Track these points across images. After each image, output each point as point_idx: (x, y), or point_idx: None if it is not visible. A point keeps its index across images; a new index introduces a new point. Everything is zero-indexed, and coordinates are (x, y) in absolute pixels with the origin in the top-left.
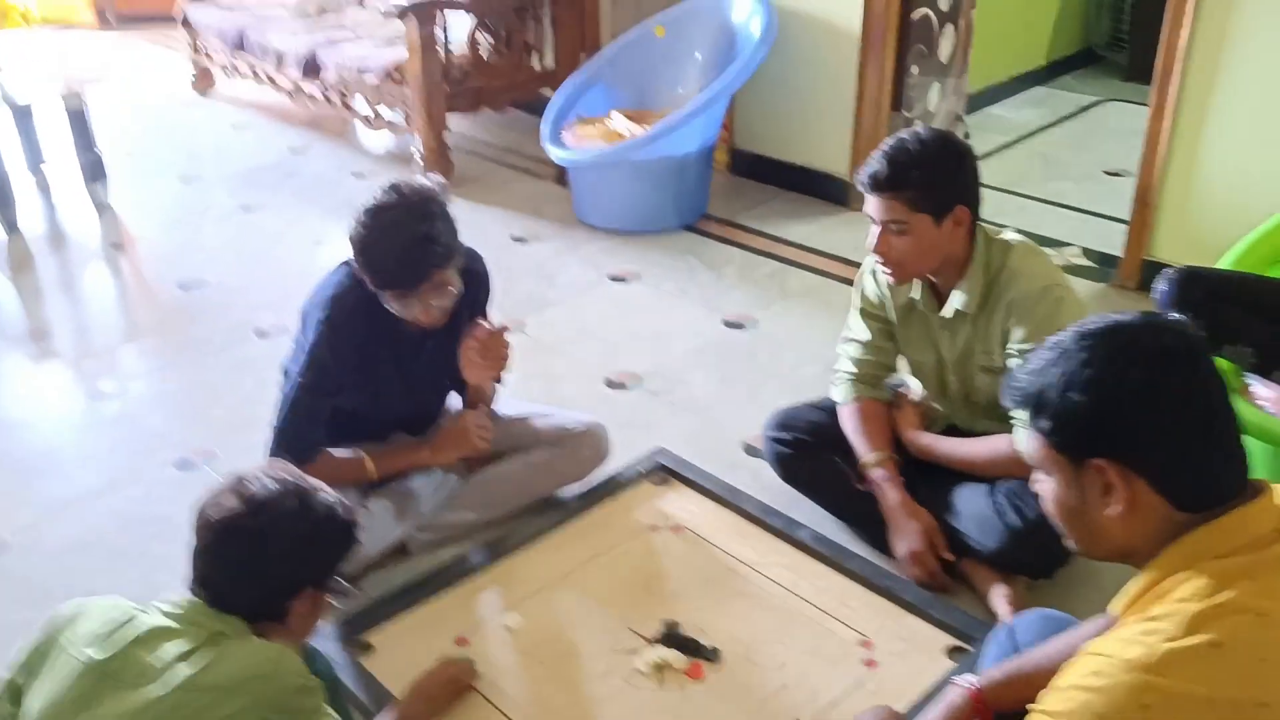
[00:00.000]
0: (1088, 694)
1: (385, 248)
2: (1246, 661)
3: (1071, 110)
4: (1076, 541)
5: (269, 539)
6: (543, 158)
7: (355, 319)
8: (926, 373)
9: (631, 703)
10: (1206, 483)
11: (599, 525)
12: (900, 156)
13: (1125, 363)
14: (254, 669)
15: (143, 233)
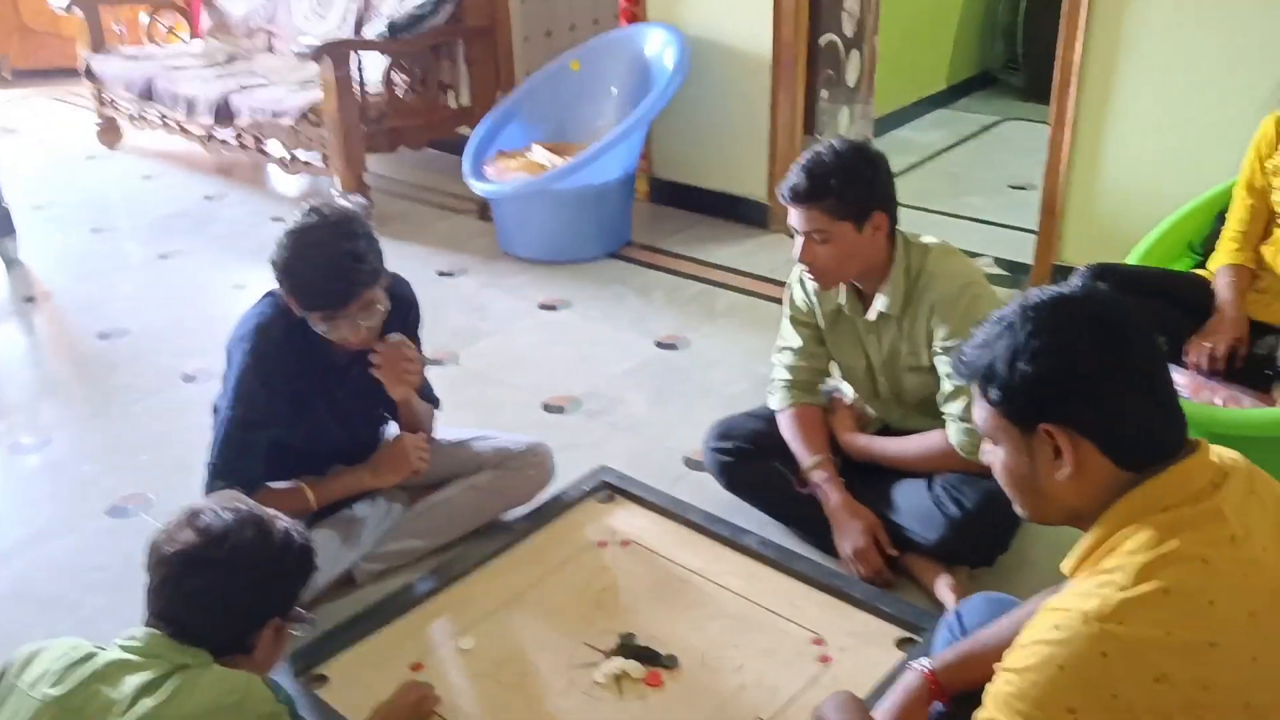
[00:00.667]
0: (1050, 647)
1: (311, 268)
2: (1195, 606)
3: (974, 130)
4: (1025, 507)
5: (231, 570)
6: (463, 194)
7: (281, 347)
8: (857, 376)
9: (593, 715)
10: (1149, 442)
11: (547, 545)
12: (817, 168)
13: (1070, 331)
14: (221, 699)
15: (56, 285)
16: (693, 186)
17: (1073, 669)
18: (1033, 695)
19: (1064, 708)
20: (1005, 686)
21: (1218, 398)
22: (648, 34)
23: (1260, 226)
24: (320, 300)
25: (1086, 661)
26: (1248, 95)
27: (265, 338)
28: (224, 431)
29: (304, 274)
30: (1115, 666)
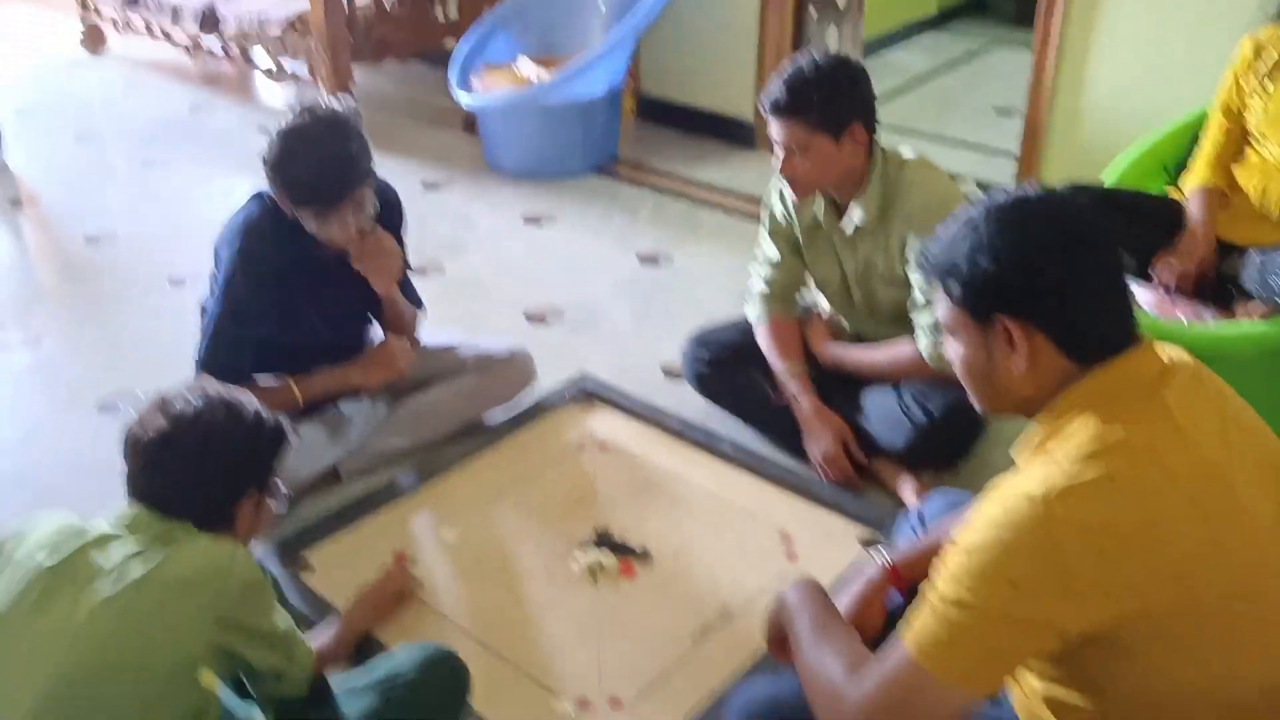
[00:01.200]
0: (995, 526)
1: (305, 165)
2: (1136, 492)
3: (962, 55)
4: (980, 398)
5: (205, 451)
6: (450, 108)
7: (268, 246)
8: (832, 288)
9: (569, 602)
10: (1099, 336)
11: (527, 446)
12: (797, 80)
13: (1029, 229)
14: (208, 565)
15: (42, 190)
16: (680, 105)
17: (1017, 547)
18: (978, 570)
19: (1007, 582)
20: (953, 563)
21: (1182, 314)
22: None
23: (1234, 148)
24: (312, 197)
25: (1030, 540)
26: (1228, 18)
27: (252, 236)
28: (212, 328)
29: (296, 171)
30: (1061, 545)
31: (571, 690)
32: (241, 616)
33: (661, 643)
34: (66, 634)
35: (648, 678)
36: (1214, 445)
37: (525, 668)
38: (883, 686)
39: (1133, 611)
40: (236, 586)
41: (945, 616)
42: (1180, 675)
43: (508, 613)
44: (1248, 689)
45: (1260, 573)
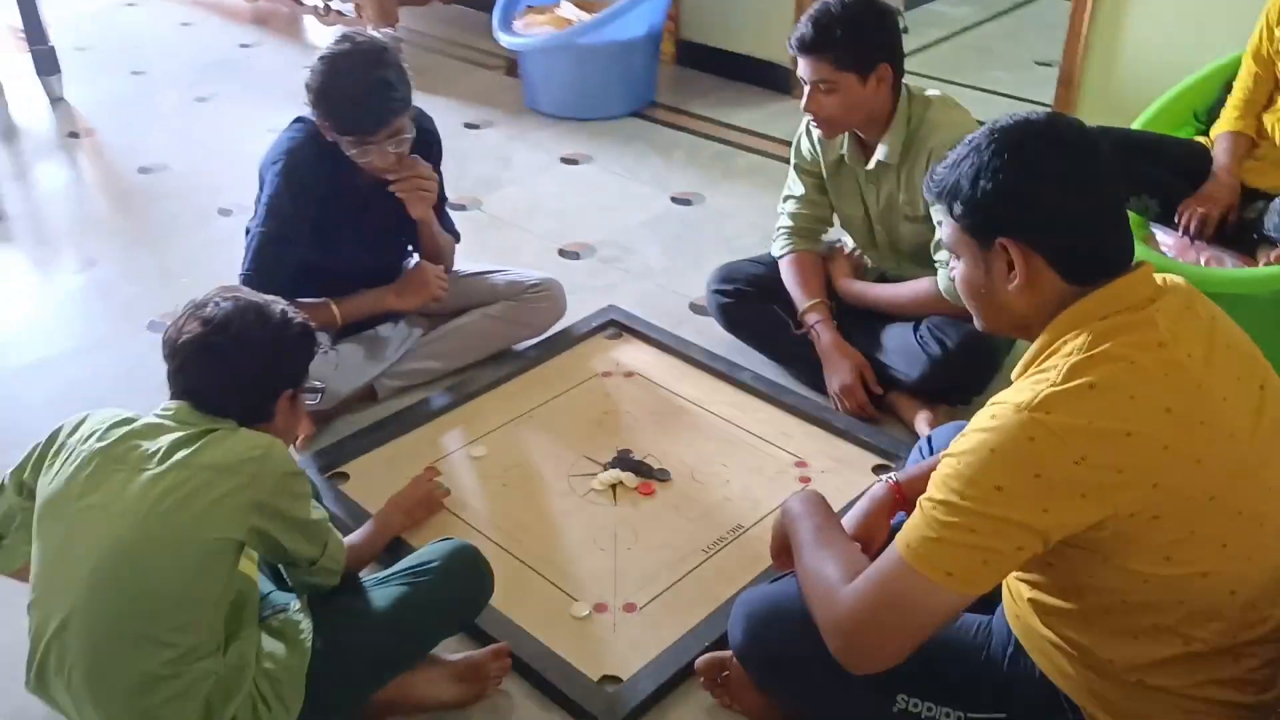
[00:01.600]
0: (984, 434)
1: (345, 93)
2: (1117, 399)
3: (1007, 7)
4: (981, 317)
5: (238, 351)
6: (492, 50)
7: (310, 170)
8: (856, 225)
9: (589, 515)
10: (1095, 259)
11: (555, 373)
12: (824, 19)
13: (1029, 152)
14: (248, 451)
15: (98, 123)
16: (718, 49)
17: (1002, 451)
18: (966, 475)
19: (992, 485)
20: (944, 469)
21: (1202, 257)
22: None
23: (1263, 95)
24: (353, 124)
25: (1015, 445)
26: None
27: (295, 159)
28: (256, 244)
29: (338, 99)
30: (1040, 449)
31: (588, 595)
32: (278, 503)
33: (676, 555)
34: (115, 510)
35: (661, 586)
36: (1196, 359)
37: (545, 573)
38: (874, 585)
39: (1109, 513)
40: (274, 474)
41: (934, 518)
42: (1154, 577)
43: (530, 523)
44: (1220, 591)
45: (1233, 478)
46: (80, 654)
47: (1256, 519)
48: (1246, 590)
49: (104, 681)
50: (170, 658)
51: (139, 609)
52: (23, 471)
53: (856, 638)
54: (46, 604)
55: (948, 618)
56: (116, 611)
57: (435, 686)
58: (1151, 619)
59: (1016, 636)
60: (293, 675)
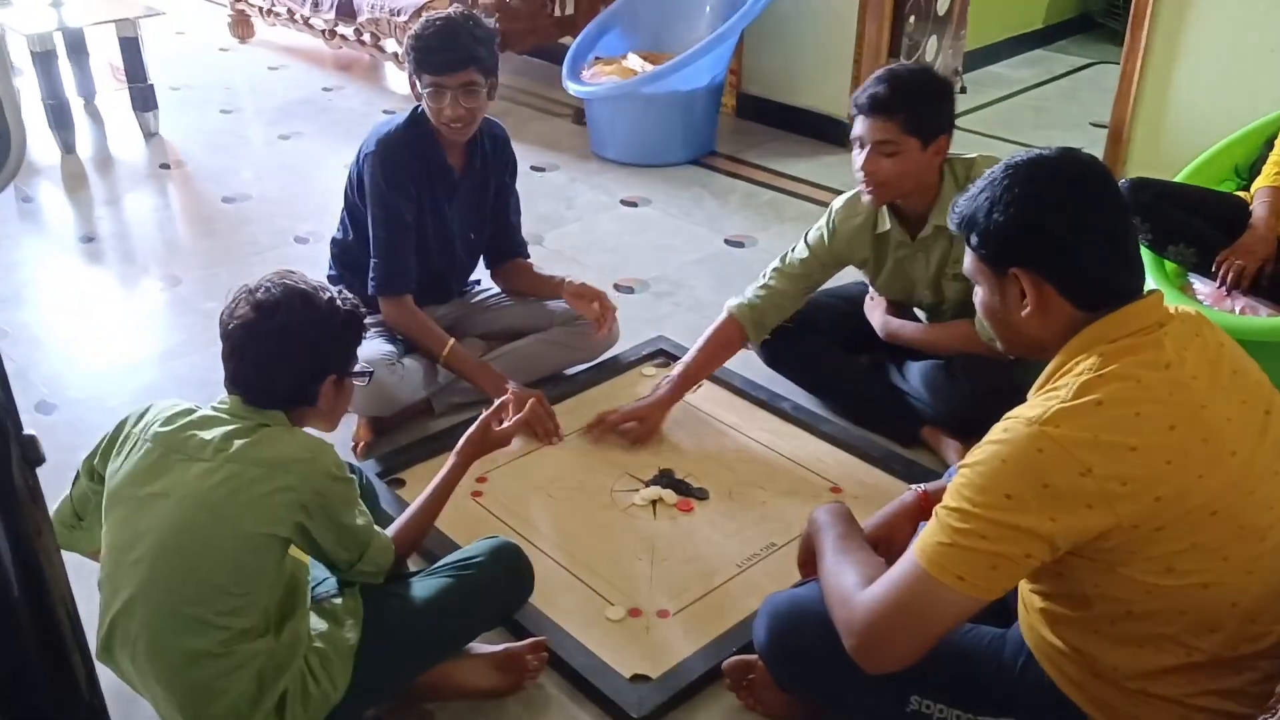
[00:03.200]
0: (997, 445)
1: (433, 28)
2: (1123, 415)
3: (1065, 70)
4: (999, 339)
5: (285, 336)
6: (562, 99)
7: (402, 151)
8: (897, 292)
9: (629, 527)
10: (1105, 287)
11: (604, 396)
12: (896, 82)
13: (1039, 185)
14: (298, 452)
15: (189, 156)
16: (777, 103)
17: (1012, 462)
18: (978, 483)
19: (1003, 494)
20: (959, 479)
21: (1237, 306)
22: None
23: None
24: (434, 58)
25: (1024, 456)
26: None
27: (388, 144)
28: (374, 235)
29: (425, 35)
30: (1048, 460)
31: (624, 600)
32: (323, 504)
33: (710, 568)
34: (174, 496)
35: (693, 596)
36: (1201, 381)
37: (583, 576)
38: (890, 588)
39: (1113, 524)
40: (321, 476)
41: (948, 525)
42: (1157, 587)
43: (572, 531)
44: (1221, 603)
45: (1234, 494)
46: (141, 631)
47: (1258, 533)
48: (1247, 603)
49: (162, 656)
50: (223, 638)
51: (192, 593)
52: (94, 458)
53: (871, 638)
54: (113, 583)
55: (958, 620)
56: (172, 595)
57: (475, 674)
58: (1155, 628)
59: (1029, 645)
60: (341, 655)
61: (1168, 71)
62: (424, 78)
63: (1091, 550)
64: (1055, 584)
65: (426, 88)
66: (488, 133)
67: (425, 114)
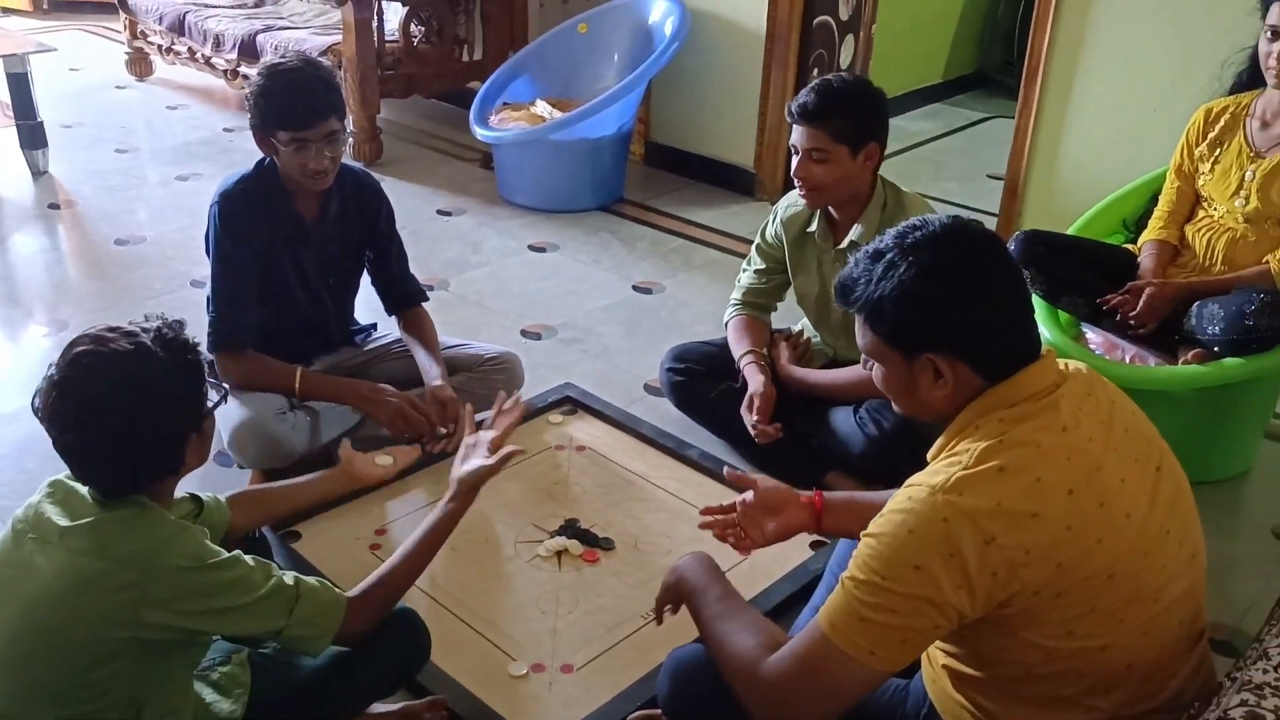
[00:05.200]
0: (902, 514)
1: (285, 87)
2: (1024, 481)
3: (963, 124)
4: (903, 409)
5: (99, 423)
6: (469, 144)
7: (244, 204)
8: (810, 302)
9: (532, 579)
10: (1011, 357)
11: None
12: (827, 92)
13: (946, 272)
14: (141, 545)
15: (80, 196)
16: (685, 151)
17: (919, 532)
18: (885, 555)
19: (910, 565)
20: (865, 549)
21: (1127, 356)
22: (652, 3)
23: (1186, 208)
24: (291, 116)
25: (930, 526)
26: (1189, 89)
27: (229, 197)
28: (213, 290)
29: (278, 92)
30: (953, 529)
31: (527, 655)
32: (179, 603)
33: (615, 620)
34: (19, 585)
35: (598, 649)
36: (1096, 443)
37: (485, 632)
38: (797, 658)
39: (1016, 590)
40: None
41: (855, 596)
42: (1057, 650)
43: (473, 585)
44: (1118, 664)
45: (1130, 557)
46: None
47: (1152, 595)
48: (1143, 664)
49: None
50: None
51: (41, 682)
52: None
53: (782, 709)
54: None
55: (870, 689)
56: (23, 680)
57: None
58: (1055, 689)
59: (932, 698)
60: None
61: (1059, 127)
62: (281, 134)
63: (994, 616)
64: (958, 644)
65: (288, 144)
66: (350, 180)
67: (272, 165)
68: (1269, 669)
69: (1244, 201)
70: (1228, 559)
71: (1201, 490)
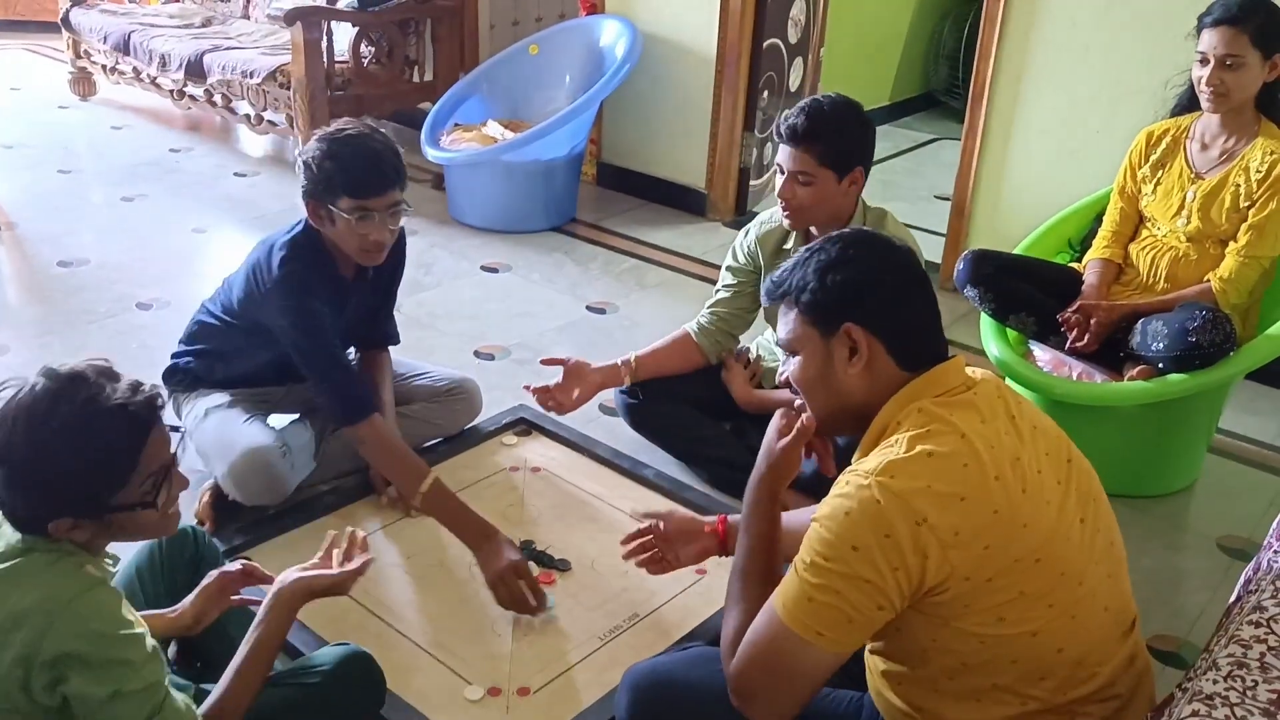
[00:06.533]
0: (839, 499)
1: (355, 153)
2: (952, 466)
3: (910, 145)
4: (818, 409)
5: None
6: (420, 165)
7: (308, 266)
8: None
9: (487, 602)
10: (924, 347)
11: (463, 467)
12: (817, 114)
13: (870, 249)
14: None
15: (20, 217)
16: (637, 172)
17: (856, 514)
18: (826, 537)
19: (849, 546)
20: (811, 533)
21: (1074, 373)
22: (603, 25)
23: (1130, 228)
24: (362, 184)
25: (865, 508)
26: (1132, 110)
27: (296, 260)
28: (312, 359)
29: (348, 158)
30: (886, 510)
31: (482, 679)
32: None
33: (572, 642)
34: None
35: (555, 671)
36: (1010, 437)
37: (439, 656)
38: (756, 645)
39: (947, 574)
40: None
41: (804, 579)
42: (989, 637)
43: (427, 608)
44: (1049, 649)
45: (1055, 541)
46: None
47: (1076, 578)
48: (1073, 647)
49: None
50: None
51: None
52: None
53: (748, 694)
54: None
55: (827, 673)
56: None
57: None
58: (990, 679)
59: (879, 709)
60: None
61: (1004, 149)
62: (344, 201)
63: (928, 605)
64: (893, 641)
65: (351, 212)
66: None
67: (311, 227)
68: (1219, 679)
69: (1185, 221)
70: (1175, 572)
71: (1148, 504)
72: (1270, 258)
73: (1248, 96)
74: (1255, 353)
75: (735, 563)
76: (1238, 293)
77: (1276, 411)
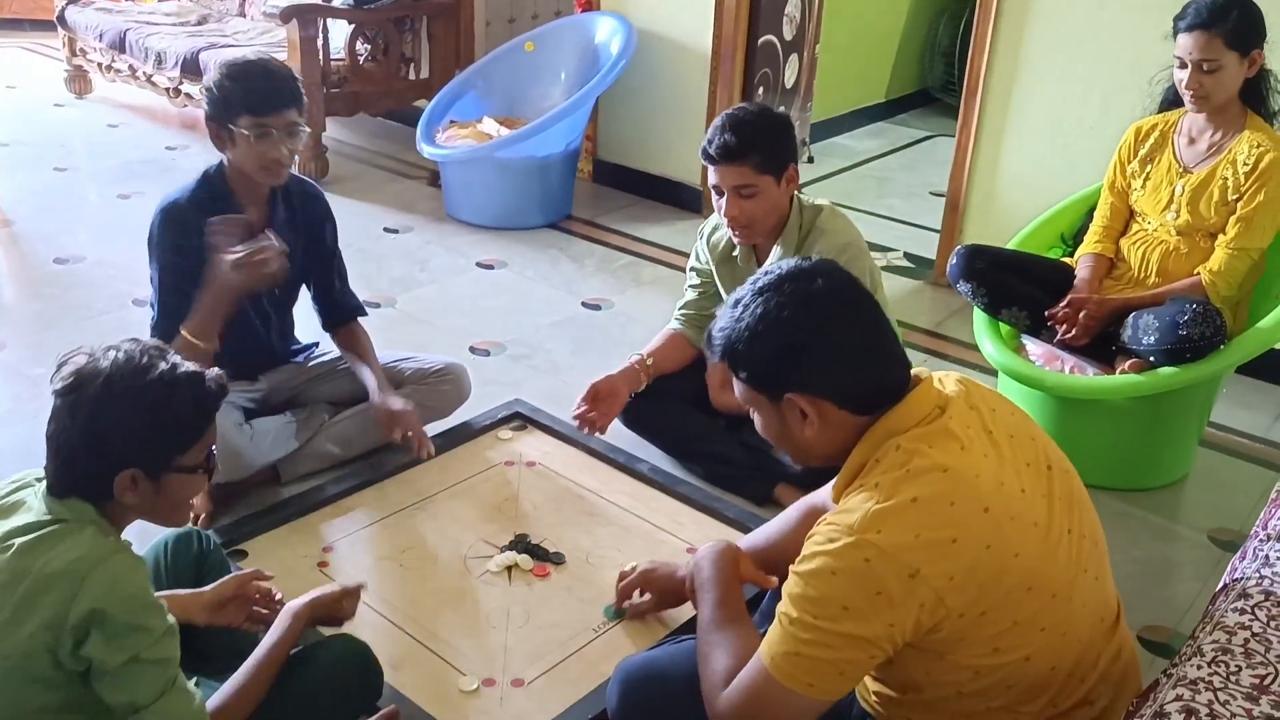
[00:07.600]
0: (824, 556)
1: (249, 72)
2: (939, 508)
3: (907, 142)
4: (790, 454)
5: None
6: (416, 162)
7: (186, 211)
8: None
9: (482, 594)
10: (877, 391)
11: (458, 461)
12: (744, 127)
13: (790, 310)
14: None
15: (17, 215)
16: (633, 169)
17: (843, 574)
18: (813, 596)
19: (840, 606)
20: (794, 587)
21: (1067, 367)
22: (598, 21)
23: (1120, 223)
24: (256, 99)
25: (852, 567)
26: (1122, 106)
27: (173, 202)
28: (158, 301)
29: (242, 78)
30: (876, 568)
31: (477, 670)
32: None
33: (566, 634)
34: None
35: (549, 663)
36: (991, 459)
37: (434, 647)
38: (744, 691)
39: (943, 616)
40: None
41: (791, 634)
42: (985, 668)
43: (423, 601)
44: (1042, 669)
45: (1043, 563)
46: None
47: (1065, 597)
48: (1065, 664)
49: None
50: None
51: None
52: None
53: None
54: None
55: (815, 716)
56: None
57: None
58: (985, 704)
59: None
60: None
61: (998, 145)
62: (243, 119)
63: (922, 642)
64: (887, 671)
65: (250, 129)
66: (296, 188)
67: (217, 172)
68: (1203, 664)
69: (1175, 215)
70: (1166, 563)
71: (1140, 496)
72: (1259, 249)
73: (1230, 95)
74: (1245, 346)
75: (702, 620)
76: (1227, 285)
77: (1268, 405)
